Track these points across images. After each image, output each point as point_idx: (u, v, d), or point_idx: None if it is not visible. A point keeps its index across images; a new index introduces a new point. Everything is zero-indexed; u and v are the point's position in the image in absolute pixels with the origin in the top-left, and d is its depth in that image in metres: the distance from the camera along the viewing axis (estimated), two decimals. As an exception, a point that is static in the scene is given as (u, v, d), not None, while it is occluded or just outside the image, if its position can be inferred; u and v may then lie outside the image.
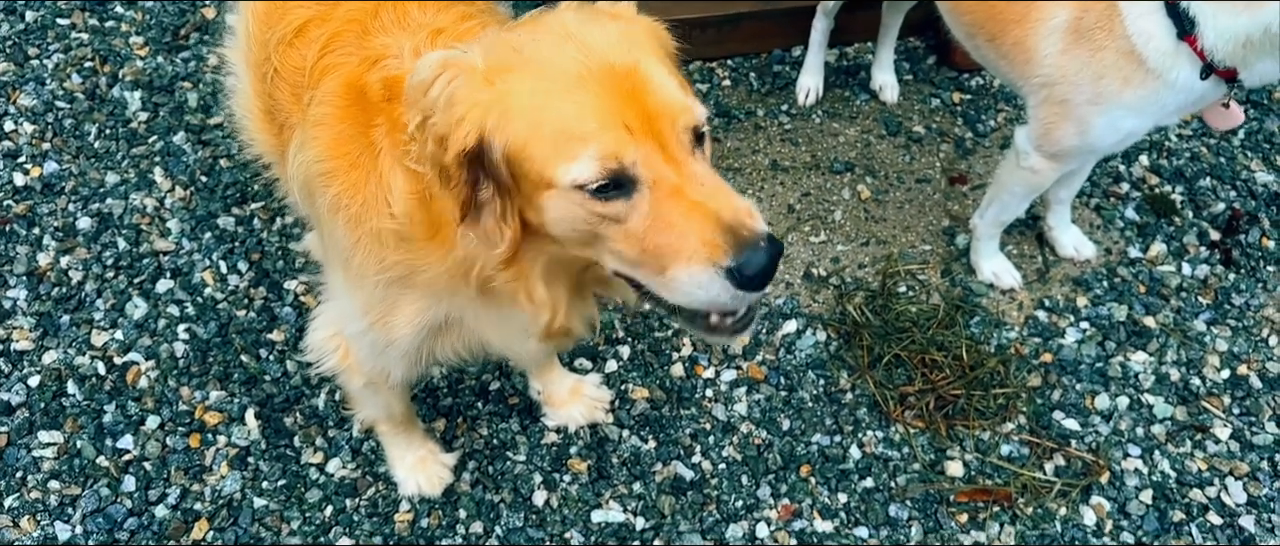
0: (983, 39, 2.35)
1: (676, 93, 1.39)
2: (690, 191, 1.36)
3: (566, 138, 1.34)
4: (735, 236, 1.33)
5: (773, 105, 3.20)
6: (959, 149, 3.06)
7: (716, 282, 1.35)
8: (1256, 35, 1.93)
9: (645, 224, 1.37)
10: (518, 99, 1.36)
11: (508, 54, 1.40)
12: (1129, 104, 2.11)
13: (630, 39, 1.42)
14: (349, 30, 1.70)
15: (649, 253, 1.39)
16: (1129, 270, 2.75)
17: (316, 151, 1.64)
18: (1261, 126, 3.04)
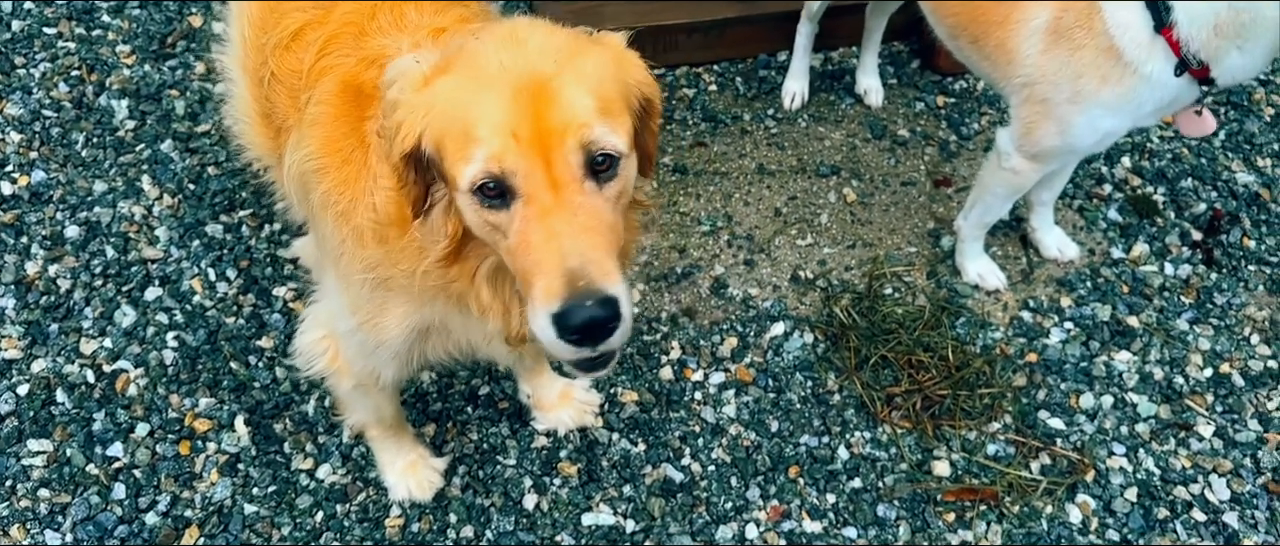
0: (966, 41, 2.37)
1: (581, 112, 1.33)
2: (556, 221, 1.32)
3: (467, 139, 1.34)
4: (570, 284, 1.29)
5: (759, 109, 3.23)
6: (943, 152, 3.08)
7: (549, 327, 1.32)
8: (1225, 19, 1.96)
9: (515, 241, 1.36)
10: (441, 99, 1.38)
11: (449, 55, 1.43)
12: (1107, 102, 2.14)
13: (574, 55, 1.38)
14: (346, 33, 1.72)
15: (518, 272, 1.38)
16: (1112, 270, 2.77)
17: (310, 148, 1.66)
18: (1242, 127, 3.07)
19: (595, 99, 1.36)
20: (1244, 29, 1.97)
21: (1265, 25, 1.96)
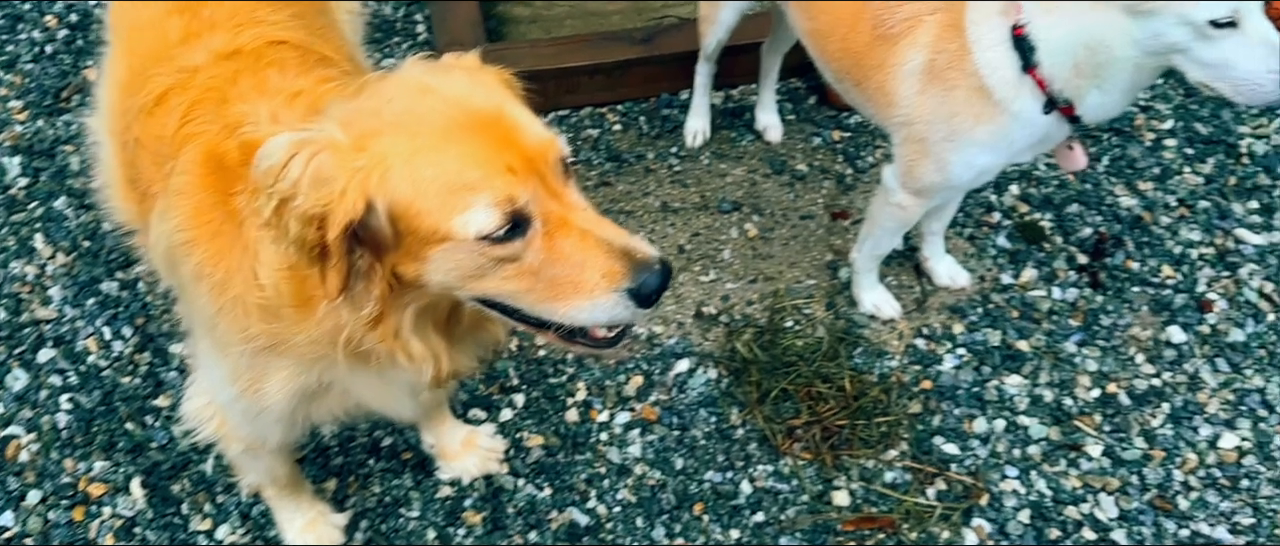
0: (849, 84, 2.44)
1: (543, 129, 1.45)
2: (577, 221, 1.44)
3: (454, 189, 1.36)
4: (632, 261, 1.43)
5: (662, 148, 3.27)
6: (840, 185, 3.16)
7: (620, 304, 1.44)
8: (1082, 57, 2.04)
9: (540, 257, 1.43)
10: (394, 159, 1.37)
11: (367, 118, 1.42)
12: (981, 140, 2.21)
13: (484, 85, 1.48)
14: (208, 99, 1.71)
15: (545, 283, 1.44)
16: (1002, 296, 2.86)
17: (178, 220, 1.65)
18: (1124, 152, 3.19)
19: (531, 114, 1.48)
20: (1101, 69, 2.06)
21: (1120, 67, 2.05)
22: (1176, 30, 1.95)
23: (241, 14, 1.85)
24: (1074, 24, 2.02)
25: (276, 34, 1.83)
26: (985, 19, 2.11)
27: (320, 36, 1.95)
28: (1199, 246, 2.97)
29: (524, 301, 1.48)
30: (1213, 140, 3.23)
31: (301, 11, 1.95)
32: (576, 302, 1.44)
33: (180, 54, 1.80)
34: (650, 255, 1.44)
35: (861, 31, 2.32)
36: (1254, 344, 2.76)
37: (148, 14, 1.87)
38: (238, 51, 1.77)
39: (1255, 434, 2.60)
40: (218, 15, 1.84)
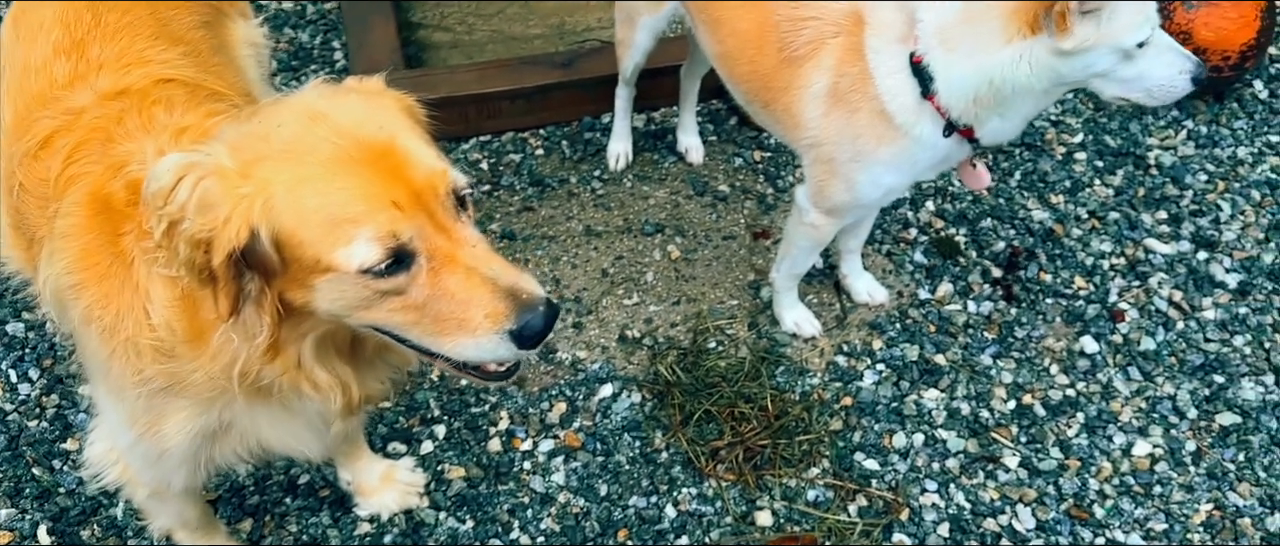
0: (758, 106, 2.46)
1: (435, 161, 1.44)
2: (464, 257, 1.43)
3: (337, 222, 1.36)
4: (516, 301, 1.43)
5: (585, 172, 3.27)
6: (761, 205, 3.18)
7: (503, 345, 1.44)
8: (983, 91, 2.08)
9: (425, 293, 1.43)
10: (278, 187, 1.36)
11: (256, 144, 1.41)
12: (885, 160, 2.25)
13: (381, 113, 1.47)
14: (93, 138, 1.68)
15: (430, 318, 1.44)
16: (919, 311, 2.90)
17: (65, 264, 1.61)
18: (1036, 166, 3.26)
19: (426, 144, 1.47)
20: (1003, 101, 2.10)
21: (1024, 97, 2.11)
22: (1106, 58, 2.03)
23: (129, 54, 1.83)
24: (973, 63, 2.05)
25: (164, 72, 1.81)
26: (885, 46, 2.15)
27: (212, 72, 1.93)
28: (1110, 257, 3.04)
29: (411, 334, 1.48)
30: (1122, 152, 3.31)
31: (194, 49, 1.93)
32: (460, 340, 1.45)
33: (66, 96, 1.77)
34: (536, 295, 1.44)
35: (768, 54, 2.34)
36: (1165, 351, 2.83)
37: (35, 57, 1.83)
38: (124, 91, 1.75)
39: (1167, 440, 2.66)
40: (105, 56, 1.82)
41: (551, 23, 3.82)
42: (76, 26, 1.84)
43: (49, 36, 1.84)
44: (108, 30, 1.84)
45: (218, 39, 2.06)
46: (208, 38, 2.01)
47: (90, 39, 1.83)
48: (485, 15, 3.83)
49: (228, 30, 2.14)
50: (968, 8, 2.05)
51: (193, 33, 1.97)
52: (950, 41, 2.06)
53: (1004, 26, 2.01)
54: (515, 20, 3.82)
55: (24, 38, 1.86)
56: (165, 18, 1.94)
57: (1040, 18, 1.97)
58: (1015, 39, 2.00)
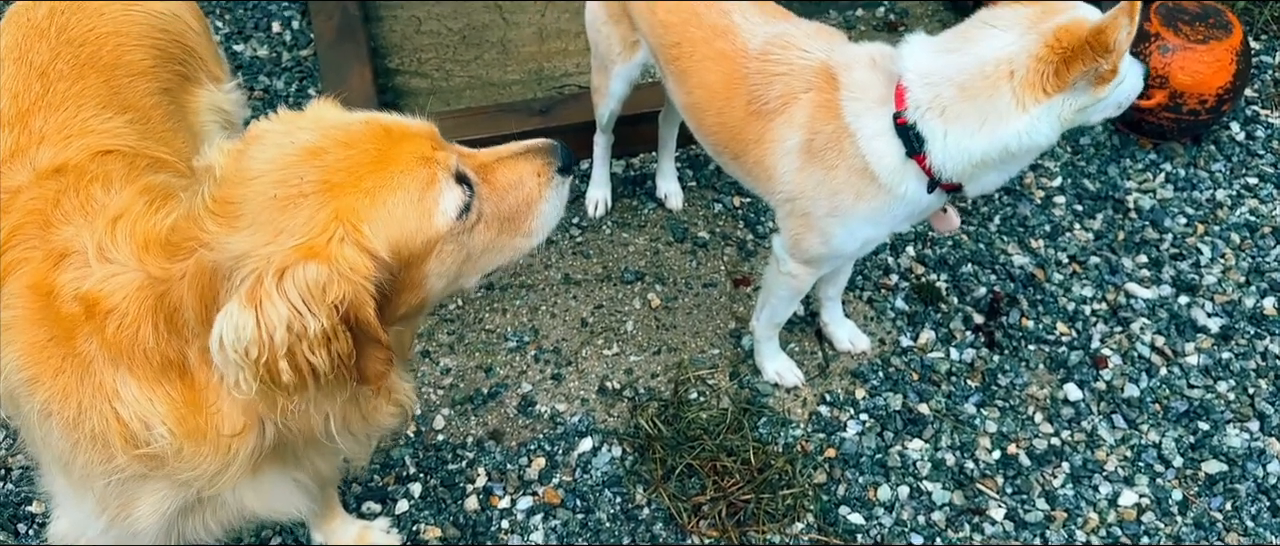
0: (728, 157, 2.45)
1: (413, 118, 1.57)
2: (484, 158, 1.61)
3: (417, 196, 1.45)
4: (539, 154, 1.67)
5: (564, 219, 3.22)
6: (741, 251, 3.15)
7: (559, 188, 1.70)
8: (993, 155, 2.06)
9: (492, 202, 1.57)
10: (357, 211, 1.41)
11: (300, 191, 1.42)
12: (863, 215, 2.22)
13: (331, 109, 1.57)
14: (30, 222, 1.63)
15: (507, 219, 1.61)
16: (901, 359, 2.87)
17: (14, 359, 1.57)
18: (1016, 211, 3.25)
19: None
20: (1012, 161, 2.09)
21: (1032, 155, 2.11)
22: (1115, 95, 2.05)
23: (72, 125, 1.78)
24: (984, 134, 2.02)
25: (104, 143, 1.77)
26: (866, 109, 2.12)
27: (158, 140, 1.89)
28: (1092, 302, 3.02)
29: (504, 248, 1.63)
30: (1101, 196, 3.31)
31: (143, 116, 1.90)
32: (538, 214, 1.65)
33: (5, 173, 1.71)
34: (543, 143, 1.69)
35: (736, 107, 2.32)
36: (1149, 398, 2.81)
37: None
38: (62, 167, 1.70)
39: (1153, 489, 2.63)
40: (48, 128, 1.77)
41: (529, 68, 3.81)
42: (24, 96, 1.80)
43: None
44: (54, 100, 1.80)
45: (176, 105, 2.03)
46: (164, 104, 1.97)
47: (35, 109, 1.78)
48: (462, 61, 3.81)
49: (191, 96, 2.10)
50: (962, 79, 2.02)
51: (146, 100, 1.94)
52: (949, 113, 2.03)
53: (1016, 98, 1.98)
54: (493, 66, 3.81)
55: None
56: (118, 85, 1.90)
57: (1068, 79, 1.94)
58: (1031, 106, 1.98)
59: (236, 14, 3.82)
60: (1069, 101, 2.00)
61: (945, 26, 3.96)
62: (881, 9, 4.13)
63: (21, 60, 1.86)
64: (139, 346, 1.48)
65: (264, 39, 3.75)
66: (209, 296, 1.42)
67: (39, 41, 1.89)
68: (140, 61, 1.98)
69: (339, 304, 1.37)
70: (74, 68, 1.88)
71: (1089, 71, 1.94)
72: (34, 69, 1.85)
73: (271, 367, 1.36)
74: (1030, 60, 1.98)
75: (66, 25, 1.93)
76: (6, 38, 1.94)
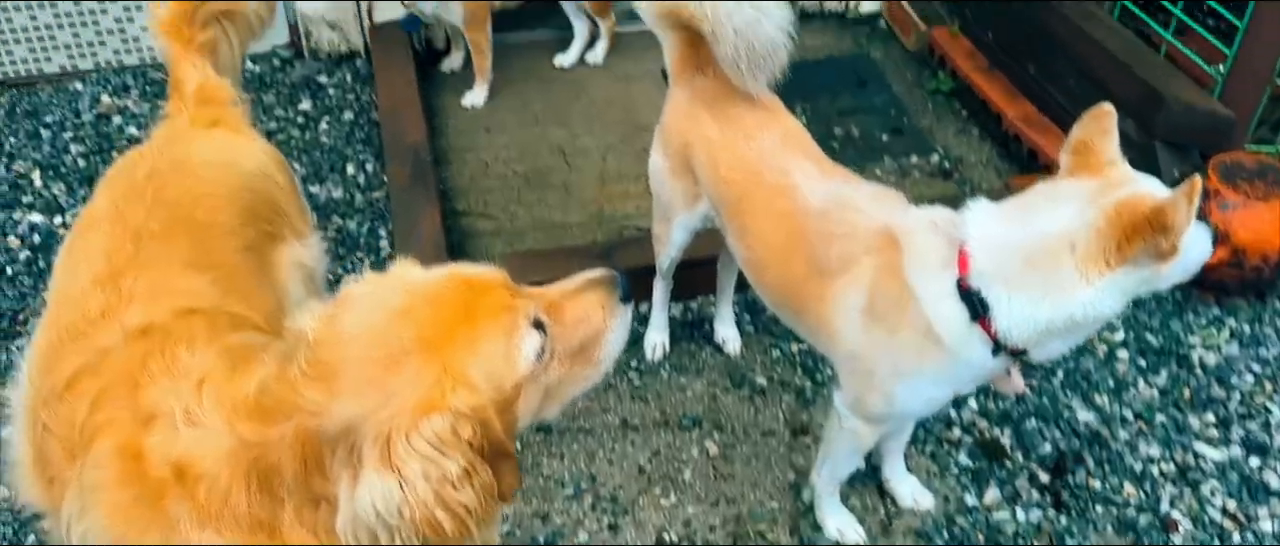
0: (789, 314, 2.48)
1: (484, 266, 1.66)
2: (552, 297, 1.69)
3: (504, 345, 1.54)
4: (598, 285, 1.75)
5: (622, 362, 3.27)
6: (800, 399, 3.15)
7: (623, 316, 1.76)
8: (1058, 324, 2.06)
9: (563, 339, 1.65)
10: (461, 364, 1.49)
11: (417, 351, 1.49)
12: (928, 377, 2.23)
13: (413, 268, 1.64)
14: (119, 383, 1.69)
15: (578, 352, 1.69)
16: (967, 519, 2.82)
17: (100, 519, 1.60)
18: (1078, 365, 3.22)
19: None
20: (1077, 330, 2.09)
21: (1097, 324, 2.10)
22: (1172, 274, 2.03)
23: (159, 285, 1.86)
24: (1048, 304, 2.03)
25: (188, 303, 1.84)
26: (929, 273, 2.15)
27: (238, 296, 1.96)
28: (1159, 462, 2.96)
29: (578, 379, 1.72)
30: (1164, 351, 3.28)
31: (227, 273, 1.98)
32: (606, 344, 1.74)
33: (95, 333, 1.78)
34: (602, 274, 1.76)
35: (797, 265, 2.36)
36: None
37: (76, 287, 1.87)
38: (149, 328, 1.77)
39: (1231, 663, 2.53)
40: (137, 289, 1.85)
41: (590, 210, 3.91)
42: (117, 256, 1.89)
43: (92, 267, 1.88)
44: (144, 260, 1.89)
45: (260, 260, 2.11)
46: (248, 261, 2.06)
47: (126, 270, 1.86)
48: (527, 203, 3.93)
49: (275, 252, 2.19)
50: (1025, 250, 2.04)
51: (232, 257, 2.02)
52: (1013, 282, 2.05)
53: (1080, 270, 1.99)
54: (556, 208, 3.92)
55: (72, 266, 1.92)
56: (206, 244, 1.99)
57: (1129, 254, 1.96)
58: (1095, 279, 1.99)
59: (314, 157, 3.99)
60: (1132, 274, 2.01)
61: (1000, 175, 4.07)
62: (935, 156, 4.20)
63: (119, 220, 1.96)
64: (229, 509, 1.51)
65: (339, 181, 3.90)
66: (312, 461, 1.47)
67: (136, 202, 2.00)
68: (228, 221, 2.08)
69: (471, 440, 1.47)
70: (166, 228, 1.97)
71: (1150, 247, 1.95)
72: (129, 229, 1.95)
73: (429, 521, 1.42)
74: (1091, 233, 1.99)
75: (163, 186, 2.05)
76: (106, 197, 2.05)
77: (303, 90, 4.35)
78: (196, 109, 2.30)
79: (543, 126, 4.32)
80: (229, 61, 2.57)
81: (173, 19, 2.39)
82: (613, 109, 4.43)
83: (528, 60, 4.68)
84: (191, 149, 2.14)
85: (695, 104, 2.69)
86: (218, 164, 2.13)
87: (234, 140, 2.24)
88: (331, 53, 4.53)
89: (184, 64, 2.37)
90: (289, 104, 4.27)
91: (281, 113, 4.21)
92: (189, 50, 2.38)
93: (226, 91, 2.38)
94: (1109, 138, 2.12)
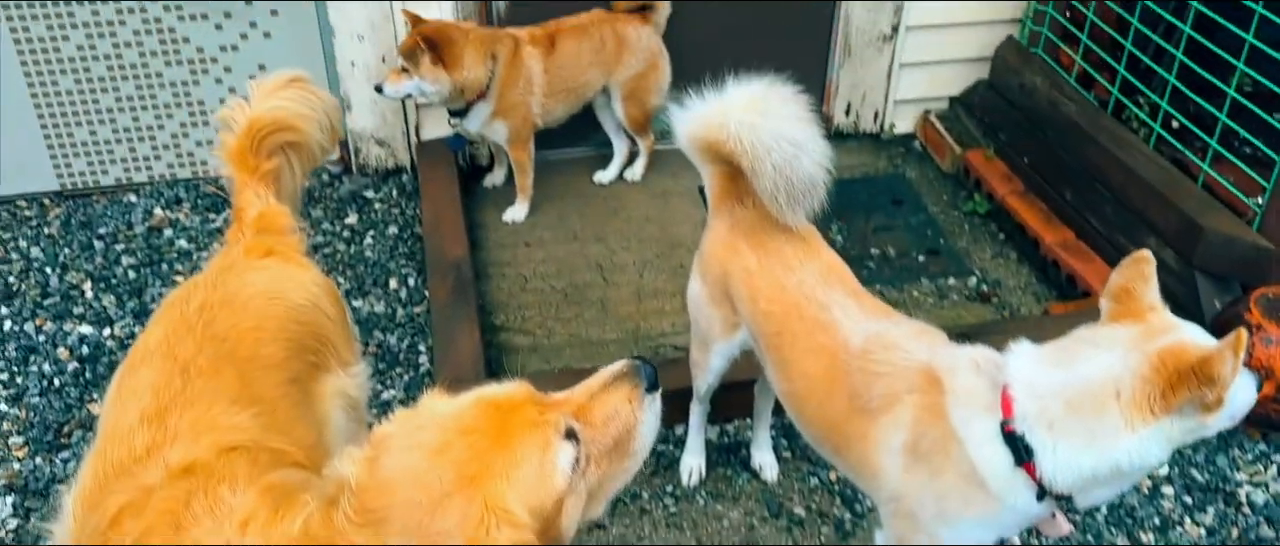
0: (829, 450, 2.46)
1: (512, 384, 1.70)
2: (578, 400, 1.72)
3: (541, 462, 1.58)
4: (623, 378, 1.78)
5: (658, 487, 3.26)
6: (839, 531, 3.11)
7: (652, 405, 1.80)
8: (1103, 472, 2.04)
9: (596, 441, 1.69)
10: (502, 491, 1.53)
11: (452, 474, 1.54)
12: (972, 521, 2.20)
13: (445, 398, 1.68)
14: (163, 523, 1.70)
15: (613, 448, 1.72)
16: (1010, 661, 2.75)
17: None
18: (1123, 501, 3.16)
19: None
20: (1121, 476, 2.07)
21: (1142, 472, 2.09)
22: (1218, 421, 2.02)
23: (203, 422, 1.88)
24: (1092, 452, 2.02)
25: (230, 439, 1.87)
26: (973, 416, 2.14)
27: (279, 431, 1.99)
28: (1209, 605, 2.89)
29: (617, 475, 1.76)
30: (1211, 488, 3.21)
31: (269, 407, 2.00)
32: (639, 436, 1.77)
33: (140, 470, 1.80)
34: (625, 366, 1.80)
35: (838, 402, 2.36)
36: None
37: (123, 423, 1.90)
38: (191, 466, 1.79)
39: None
40: (182, 425, 1.88)
41: (627, 327, 3.94)
42: (165, 392, 1.92)
43: (139, 402, 1.91)
44: (190, 396, 1.92)
45: (303, 392, 2.14)
46: (291, 393, 2.09)
47: (173, 406, 1.90)
48: (564, 319, 3.96)
49: (319, 383, 2.22)
50: (1070, 395, 2.04)
51: (275, 391, 2.06)
52: (1057, 428, 2.04)
53: (1126, 418, 1.98)
54: (592, 324, 3.95)
55: (120, 401, 1.95)
56: (251, 378, 2.02)
57: (1174, 403, 1.95)
58: (1140, 427, 1.98)
59: (358, 270, 4.07)
60: (1177, 423, 1.99)
61: (1038, 300, 4.06)
62: (973, 279, 4.21)
63: (169, 356, 2.01)
64: None
65: (382, 295, 3.97)
66: None
67: (187, 336, 2.05)
68: (274, 354, 2.11)
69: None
70: (213, 362, 2.01)
71: (1195, 398, 1.94)
72: (177, 364, 1.99)
73: None
74: (1136, 381, 1.98)
75: (214, 319, 2.09)
76: (159, 329, 2.09)
77: (350, 204, 4.46)
78: (254, 237, 2.37)
79: (581, 242, 4.38)
80: (290, 188, 2.66)
81: (240, 148, 2.49)
82: (650, 225, 4.49)
83: (567, 176, 4.78)
84: (244, 281, 2.19)
85: (734, 234, 2.73)
86: (267, 296, 2.18)
87: (285, 271, 2.29)
88: (379, 168, 4.66)
89: (247, 192, 2.45)
90: (336, 218, 4.37)
91: (329, 226, 4.31)
92: (253, 179, 2.46)
93: (285, 219, 2.45)
94: (1149, 284, 2.12)
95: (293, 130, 2.58)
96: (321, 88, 2.75)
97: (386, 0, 4.23)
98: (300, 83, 2.64)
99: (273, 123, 2.52)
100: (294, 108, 2.57)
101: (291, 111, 2.56)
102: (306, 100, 2.61)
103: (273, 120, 2.52)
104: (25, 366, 3.48)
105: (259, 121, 2.50)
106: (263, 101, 2.54)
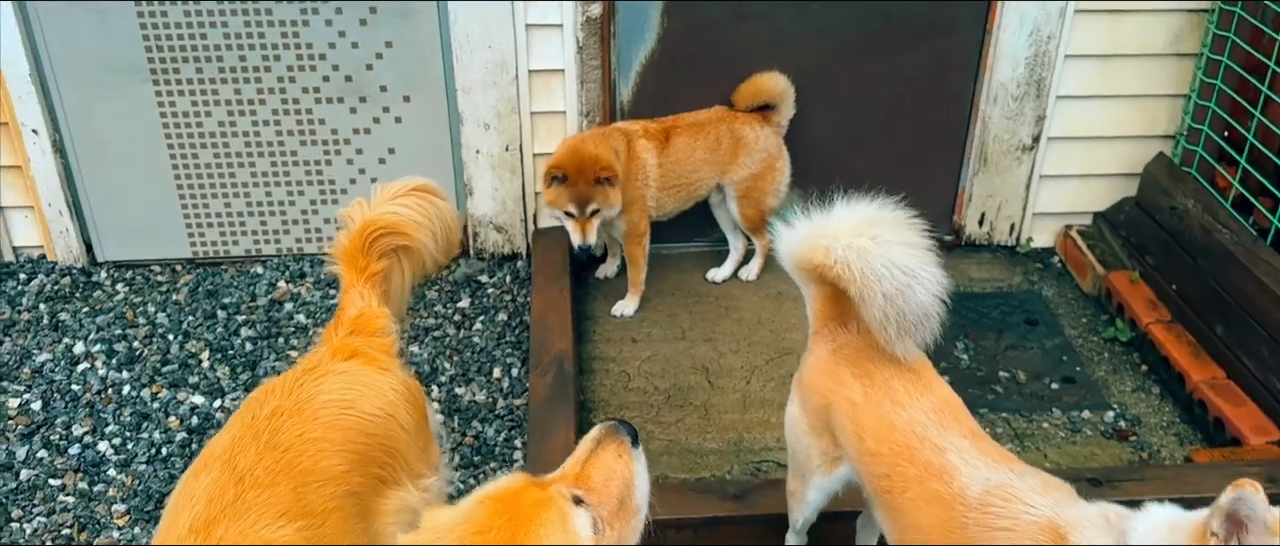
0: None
1: (500, 480, 1.74)
2: (573, 468, 1.81)
3: (559, 538, 1.62)
4: (611, 438, 1.87)
5: (747, 620, 3.07)
6: None
7: (641, 455, 1.90)
8: None
9: (600, 502, 1.75)
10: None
11: None
12: None
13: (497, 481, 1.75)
14: None
15: (619, 503, 1.79)
16: None
17: None
18: None
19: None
20: None
21: None
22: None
23: (247, 534, 1.86)
24: None
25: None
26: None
27: (318, 538, 1.95)
28: None
29: (630, 532, 1.83)
30: None
31: (319, 520, 1.97)
32: (635, 487, 1.84)
33: None
34: (603, 430, 1.88)
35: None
36: None
37: (174, 533, 1.89)
38: None
39: None
40: (227, 536, 1.86)
41: (729, 437, 3.79)
42: (217, 502, 1.91)
43: (192, 510, 1.90)
44: (241, 507, 1.90)
45: (361, 506, 2.09)
46: (346, 507, 2.04)
47: (222, 517, 1.88)
48: (664, 423, 3.84)
49: (382, 498, 2.17)
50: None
51: (328, 504, 2.01)
52: None
53: None
54: (693, 430, 3.82)
55: (176, 508, 1.95)
56: (305, 491, 1.99)
57: None
58: None
59: (464, 357, 4.06)
60: None
61: (1182, 443, 3.72)
62: (1110, 414, 3.89)
63: (228, 463, 1.99)
64: None
65: (484, 383, 3.94)
66: None
67: (251, 444, 2.03)
68: (334, 467, 2.07)
69: None
70: (270, 473, 1.99)
71: None
72: (235, 473, 1.97)
73: None
74: None
75: (279, 428, 2.07)
76: (229, 435, 2.08)
77: (464, 288, 4.48)
78: (343, 338, 2.36)
79: (689, 342, 4.27)
80: (399, 291, 2.66)
81: (351, 247, 2.51)
82: (762, 329, 4.35)
83: (680, 272, 4.70)
84: (320, 387, 2.17)
85: (837, 360, 2.58)
86: (339, 405, 2.15)
87: (364, 376, 2.26)
88: (495, 253, 4.69)
89: (352, 292, 2.46)
90: (449, 300, 4.40)
91: (441, 309, 4.34)
92: (359, 279, 2.47)
93: (381, 321, 2.44)
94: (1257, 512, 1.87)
95: (405, 236, 2.58)
96: (449, 192, 2.77)
97: (514, 93, 4.28)
98: (424, 191, 2.66)
99: (387, 226, 2.54)
100: (409, 215, 2.58)
101: (406, 218, 2.57)
102: (424, 209, 2.62)
103: (387, 224, 2.54)
104: (138, 433, 3.58)
105: (374, 224, 2.52)
106: (382, 204, 2.57)
